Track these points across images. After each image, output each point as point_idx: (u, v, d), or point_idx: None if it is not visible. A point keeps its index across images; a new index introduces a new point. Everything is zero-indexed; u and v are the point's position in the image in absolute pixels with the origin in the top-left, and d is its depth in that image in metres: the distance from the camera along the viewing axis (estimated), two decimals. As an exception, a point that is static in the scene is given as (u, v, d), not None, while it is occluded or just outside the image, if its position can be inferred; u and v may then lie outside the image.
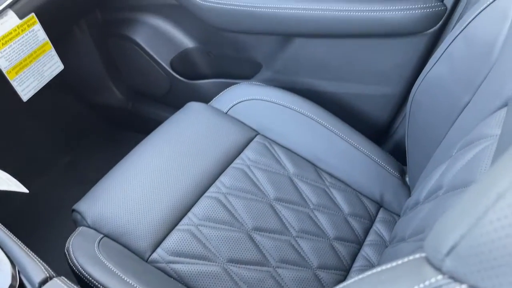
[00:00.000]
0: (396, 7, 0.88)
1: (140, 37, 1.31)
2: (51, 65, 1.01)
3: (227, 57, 1.26)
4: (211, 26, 1.10)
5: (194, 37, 1.28)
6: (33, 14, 0.94)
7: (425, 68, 0.79)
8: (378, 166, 0.97)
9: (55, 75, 1.03)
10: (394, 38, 0.94)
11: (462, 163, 0.56)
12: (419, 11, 0.87)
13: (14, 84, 0.93)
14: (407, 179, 0.99)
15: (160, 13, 1.27)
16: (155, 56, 1.31)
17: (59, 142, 1.48)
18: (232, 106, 1.04)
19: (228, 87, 1.12)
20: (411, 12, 0.87)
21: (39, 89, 0.98)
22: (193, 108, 1.02)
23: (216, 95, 1.11)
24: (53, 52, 1.00)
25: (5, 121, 1.26)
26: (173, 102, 1.41)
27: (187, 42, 1.29)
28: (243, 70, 1.26)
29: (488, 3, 0.63)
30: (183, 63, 1.32)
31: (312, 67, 1.10)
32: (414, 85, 0.83)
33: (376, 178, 0.95)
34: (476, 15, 0.65)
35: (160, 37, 1.30)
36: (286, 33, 1.04)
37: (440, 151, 0.70)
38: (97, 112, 1.55)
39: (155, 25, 1.30)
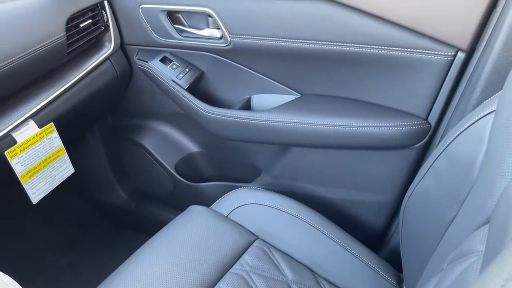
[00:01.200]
0: (386, 124, 0.96)
1: (148, 142, 1.40)
2: (63, 169, 1.07)
3: (229, 162, 1.33)
4: (215, 135, 1.18)
5: (199, 142, 1.36)
6: (52, 123, 1.02)
7: (414, 180, 0.84)
8: (375, 274, 0.98)
9: (66, 177, 1.08)
10: (386, 150, 1.01)
11: (452, 278, 0.58)
12: (406, 128, 0.95)
13: (26, 187, 0.98)
14: (404, 287, 0.99)
15: (168, 121, 1.37)
16: (161, 160, 1.38)
17: (59, 240, 1.49)
18: (233, 210, 1.08)
19: (229, 190, 1.16)
20: (399, 128, 0.95)
21: (48, 192, 1.03)
22: (195, 212, 1.05)
23: (218, 197, 1.15)
24: (66, 157, 1.07)
25: (8, 219, 1.29)
26: (175, 203, 1.45)
27: (192, 147, 1.37)
28: (244, 174, 1.32)
29: (466, 126, 0.70)
30: (187, 166, 1.39)
31: (309, 174, 1.16)
32: (405, 195, 0.88)
33: (373, 286, 0.95)
34: (456, 136, 0.72)
35: (167, 142, 1.39)
36: (284, 143, 1.12)
37: (432, 262, 0.72)
38: (99, 211, 1.59)
39: (163, 131, 1.39)
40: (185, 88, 1.15)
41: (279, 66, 1.08)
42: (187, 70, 1.18)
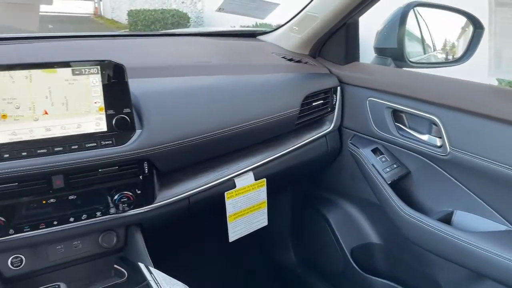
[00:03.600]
0: None
1: (333, 217, 1.46)
2: (260, 220, 1.20)
3: (408, 266, 1.27)
4: (405, 236, 1.16)
5: (383, 235, 1.35)
6: (264, 179, 1.17)
7: None
8: None
9: (259, 227, 1.21)
10: None
11: None
12: None
13: (230, 226, 1.13)
14: None
15: (358, 204, 1.41)
16: (339, 238, 1.42)
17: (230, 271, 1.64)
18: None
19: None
20: None
21: (245, 234, 1.17)
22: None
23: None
24: (265, 210, 1.20)
25: (205, 242, 1.48)
26: (341, 286, 1.45)
27: (374, 237, 1.37)
28: (421, 285, 1.24)
29: None
30: (363, 254, 1.39)
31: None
32: None
33: None
34: None
35: (350, 224, 1.42)
36: (483, 274, 1.02)
37: None
38: (264, 265, 1.69)
39: (350, 212, 1.43)
40: (388, 183, 1.18)
41: (497, 191, 1.02)
42: (394, 166, 1.21)
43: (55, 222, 0.88)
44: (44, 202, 0.86)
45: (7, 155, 0.81)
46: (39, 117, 0.84)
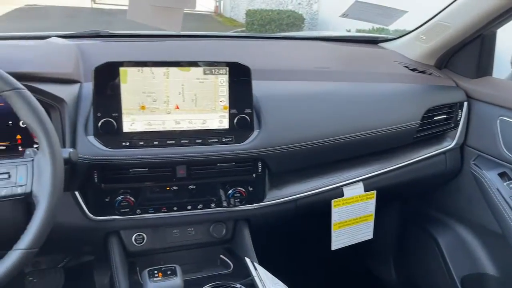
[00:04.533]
0: None
1: (443, 239, 1.36)
2: (365, 232, 1.17)
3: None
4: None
5: (499, 267, 1.23)
6: (375, 191, 1.13)
7: None
8: None
9: (363, 240, 1.18)
10: None
11: None
12: None
13: (333, 234, 1.12)
14: None
15: (473, 229, 1.29)
16: (449, 264, 1.32)
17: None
18: None
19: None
20: None
21: (348, 244, 1.15)
22: None
23: None
24: (371, 224, 1.17)
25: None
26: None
27: (489, 267, 1.25)
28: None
29: None
30: (475, 285, 1.28)
31: None
32: None
33: None
34: None
35: (463, 250, 1.31)
36: None
37: None
38: (366, 284, 1.64)
39: (463, 237, 1.32)
40: (516, 212, 1.07)
41: None
42: (525, 194, 1.09)
43: (175, 208, 0.96)
44: (167, 188, 0.94)
45: (142, 143, 0.90)
46: (171, 111, 0.92)
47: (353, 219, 1.14)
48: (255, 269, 0.90)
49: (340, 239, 1.14)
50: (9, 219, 0.83)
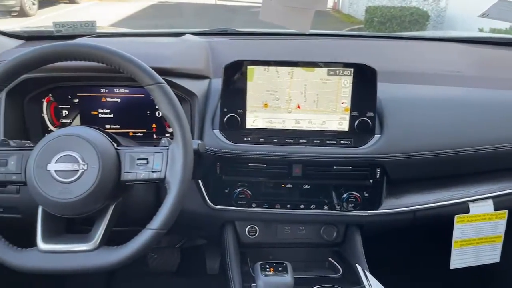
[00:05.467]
0: None
1: None
2: (490, 254, 1.06)
3: None
4: None
5: None
6: (507, 211, 1.02)
7: None
8: None
9: (487, 263, 1.07)
10: None
11: None
12: None
13: (453, 252, 1.04)
14: None
15: None
16: None
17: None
18: None
19: None
20: None
21: (469, 265, 1.05)
22: None
23: None
24: (499, 246, 1.05)
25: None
26: None
27: None
28: None
29: None
30: None
31: None
32: None
33: None
34: None
35: None
36: None
37: None
38: None
39: None
40: None
41: None
42: None
43: (288, 206, 0.97)
44: (282, 186, 0.96)
45: (262, 139, 0.93)
46: (292, 110, 0.93)
47: (477, 238, 1.04)
48: (366, 277, 0.88)
49: (461, 258, 1.05)
50: (142, 200, 0.92)
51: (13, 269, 0.71)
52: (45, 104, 1.00)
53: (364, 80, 0.92)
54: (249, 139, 0.93)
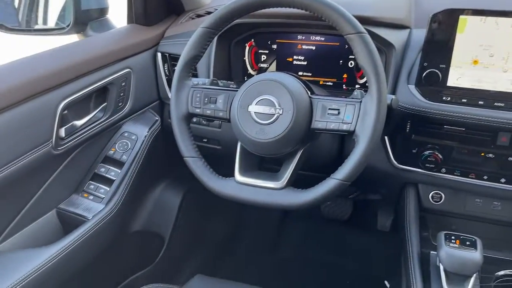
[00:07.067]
0: None
1: None
2: None
3: None
4: None
5: None
6: None
7: None
8: None
9: None
10: None
11: None
12: None
13: None
14: None
15: None
16: None
17: None
18: None
19: None
20: None
21: None
22: None
23: None
24: None
25: None
26: None
27: None
28: None
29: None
30: None
31: None
32: None
33: None
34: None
35: None
36: None
37: None
38: None
39: None
40: None
41: None
42: None
43: (485, 177, 0.87)
44: (482, 154, 0.85)
45: (465, 100, 0.83)
46: (508, 69, 0.80)
47: None
48: None
49: None
50: (326, 149, 0.93)
51: (213, 193, 0.81)
52: (247, 48, 1.08)
53: None
54: (449, 99, 0.84)
